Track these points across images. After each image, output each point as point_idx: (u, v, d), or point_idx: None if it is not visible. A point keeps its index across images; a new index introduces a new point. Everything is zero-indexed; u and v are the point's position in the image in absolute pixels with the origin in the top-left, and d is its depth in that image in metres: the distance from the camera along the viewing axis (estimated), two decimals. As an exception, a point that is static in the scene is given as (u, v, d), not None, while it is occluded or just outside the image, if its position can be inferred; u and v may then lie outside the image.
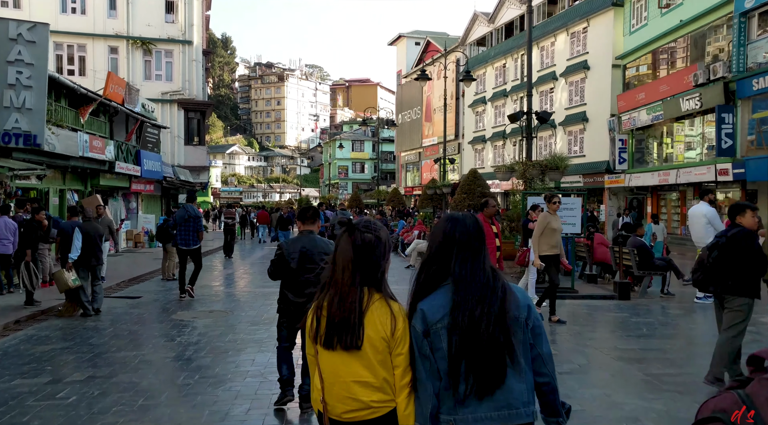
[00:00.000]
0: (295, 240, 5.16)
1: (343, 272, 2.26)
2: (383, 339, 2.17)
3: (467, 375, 2.06)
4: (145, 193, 24.01)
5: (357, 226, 2.33)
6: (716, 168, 23.16)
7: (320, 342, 2.23)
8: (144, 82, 30.04)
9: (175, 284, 13.58)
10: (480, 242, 2.23)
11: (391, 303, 2.29)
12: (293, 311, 5.05)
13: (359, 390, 2.17)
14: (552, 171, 12.29)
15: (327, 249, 5.02)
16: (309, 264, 4.92)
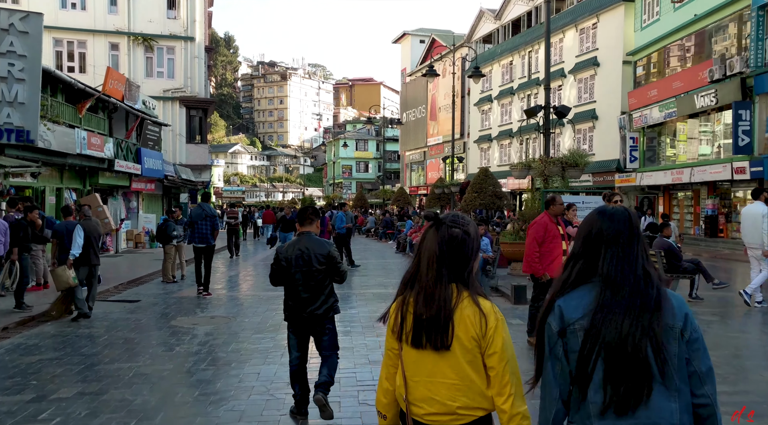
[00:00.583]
0: (293, 243, 4.90)
1: (427, 268, 2.17)
2: (473, 339, 2.10)
3: (604, 385, 1.89)
4: (145, 192, 23.44)
5: (444, 221, 2.21)
6: (732, 166, 22.51)
7: (407, 341, 2.17)
8: (145, 79, 29.50)
9: (175, 287, 13.01)
10: (633, 240, 2.04)
11: (481, 301, 2.17)
12: (294, 316, 4.85)
13: (445, 392, 2.12)
14: (572, 168, 11.67)
15: (324, 250, 4.80)
16: (306, 268, 4.73)
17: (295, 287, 4.78)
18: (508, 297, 10.77)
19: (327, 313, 4.87)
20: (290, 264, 4.75)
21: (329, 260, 4.82)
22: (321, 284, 4.81)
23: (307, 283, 4.75)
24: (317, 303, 4.78)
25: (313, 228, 4.97)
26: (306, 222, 4.94)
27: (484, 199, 17.14)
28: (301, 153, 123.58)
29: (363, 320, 9.06)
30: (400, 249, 21.53)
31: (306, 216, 4.96)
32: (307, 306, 4.77)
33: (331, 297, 4.90)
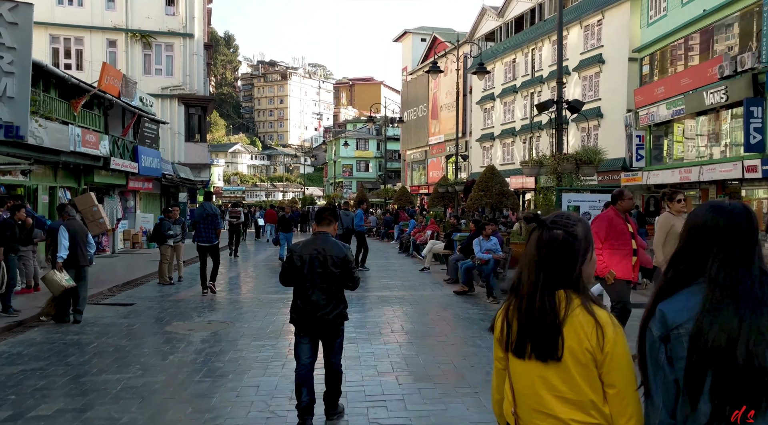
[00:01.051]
0: (308, 243, 4.70)
1: (528, 274, 2.04)
2: (587, 351, 1.92)
3: (712, 397, 1.73)
4: (143, 191, 22.91)
5: (545, 221, 2.07)
6: (743, 164, 21.99)
7: (511, 349, 2.05)
8: (143, 77, 28.98)
9: (172, 289, 12.51)
10: (751, 239, 1.83)
11: (596, 310, 1.98)
12: (303, 320, 4.63)
13: (556, 405, 1.96)
14: (585, 165, 11.16)
15: (340, 253, 4.61)
16: (320, 269, 4.53)
17: (306, 289, 4.57)
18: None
19: (337, 319, 4.70)
20: (304, 264, 4.54)
21: (345, 264, 4.62)
22: (334, 288, 4.63)
23: (320, 286, 4.56)
24: (328, 307, 4.60)
25: (330, 230, 4.78)
26: (323, 223, 4.77)
27: (490, 198, 16.63)
28: (301, 152, 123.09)
29: (369, 326, 8.56)
30: (403, 250, 21.00)
31: (324, 217, 4.79)
32: (318, 310, 4.57)
33: (341, 303, 4.72)
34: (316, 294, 4.55)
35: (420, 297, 11.29)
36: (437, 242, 15.98)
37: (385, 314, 9.58)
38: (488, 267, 10.34)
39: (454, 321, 8.89)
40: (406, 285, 12.93)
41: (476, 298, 10.92)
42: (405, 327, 8.45)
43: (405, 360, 6.68)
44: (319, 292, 4.55)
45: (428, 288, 12.53)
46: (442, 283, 13.08)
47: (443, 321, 8.87)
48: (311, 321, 4.60)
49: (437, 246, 15.57)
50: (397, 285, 13.03)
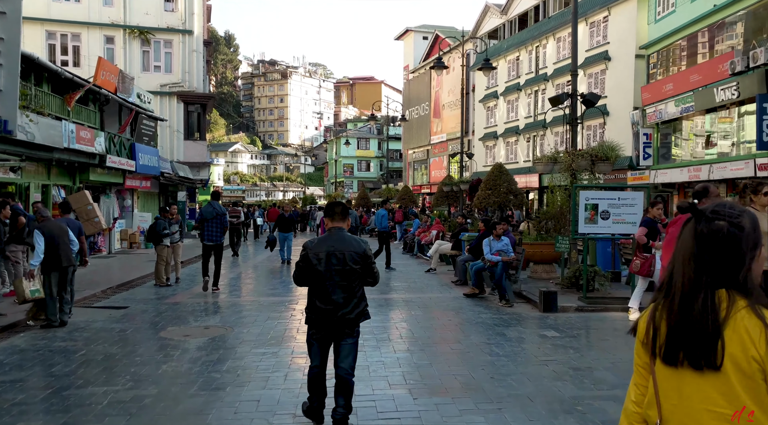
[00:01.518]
0: (323, 239, 4.49)
1: (682, 270, 1.74)
2: (754, 360, 1.61)
3: None
4: (141, 189, 22.39)
5: (704, 212, 1.75)
6: (756, 163, 21.45)
7: (659, 355, 1.76)
8: (142, 74, 28.50)
9: (168, 291, 11.98)
10: None
11: (766, 313, 1.64)
12: (323, 321, 4.40)
13: (712, 421, 1.65)
14: (601, 162, 10.64)
15: (359, 248, 4.42)
16: (339, 266, 4.34)
17: (326, 288, 4.34)
18: (535, 304, 9.73)
19: (359, 318, 4.49)
20: (320, 261, 4.33)
21: (364, 260, 4.43)
22: (354, 285, 4.42)
23: (341, 284, 4.35)
24: (350, 306, 4.39)
25: (345, 225, 4.55)
26: (336, 218, 4.53)
27: (498, 197, 16.11)
28: (301, 152, 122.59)
29: (376, 331, 8.03)
30: (408, 250, 20.46)
31: (336, 212, 4.55)
32: (339, 309, 4.35)
33: (363, 301, 4.52)
34: (336, 292, 4.33)
35: (428, 299, 10.76)
36: (444, 242, 15.45)
37: (392, 318, 9.05)
38: (498, 270, 9.80)
39: (466, 326, 8.35)
40: (412, 287, 12.40)
41: (487, 301, 10.38)
42: (415, 333, 7.91)
43: (418, 371, 6.15)
44: (339, 290, 4.34)
45: (436, 290, 12.00)
46: (450, 285, 12.55)
47: (455, 327, 8.34)
48: (332, 322, 4.37)
49: (444, 246, 15.04)
50: (403, 287, 12.50)
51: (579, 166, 10.71)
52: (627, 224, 9.44)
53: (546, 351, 6.85)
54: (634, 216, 9.43)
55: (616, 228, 9.50)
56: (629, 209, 9.42)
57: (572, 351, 6.82)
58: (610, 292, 10.47)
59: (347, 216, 4.60)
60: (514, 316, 9.00)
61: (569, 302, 9.49)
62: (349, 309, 4.38)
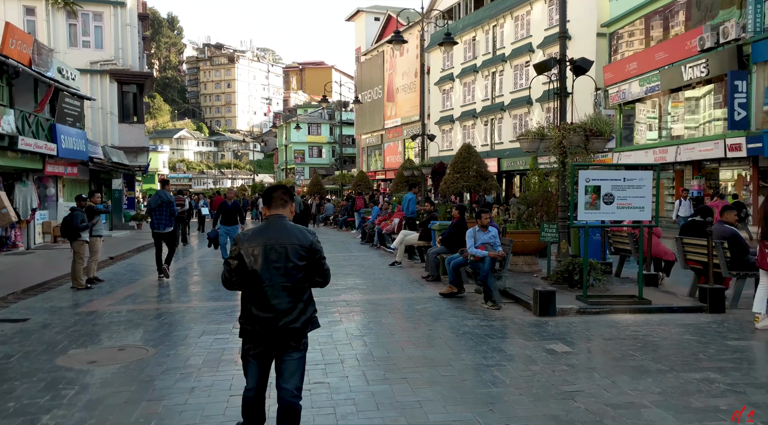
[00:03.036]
0: (259, 231, 3.61)
1: None
2: None
3: None
4: (66, 176, 19.97)
5: None
6: (726, 143, 20.62)
7: None
8: (69, 50, 25.86)
9: (86, 296, 9.99)
10: None
11: None
12: (262, 332, 3.52)
13: None
14: (595, 138, 9.18)
15: (305, 240, 3.58)
16: (278, 263, 3.50)
17: (263, 292, 3.50)
18: (525, 304, 8.21)
19: (306, 327, 3.59)
20: (256, 259, 3.50)
21: (312, 254, 3.59)
22: (300, 287, 3.56)
23: (283, 286, 3.51)
24: (294, 312, 3.52)
25: (287, 212, 3.70)
26: (276, 203, 3.68)
27: (467, 181, 14.56)
28: (250, 138, 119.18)
29: (340, 344, 6.36)
30: (367, 240, 18.80)
31: (275, 196, 3.69)
32: (281, 317, 3.49)
33: (310, 306, 3.64)
34: (277, 296, 3.49)
35: (398, 301, 9.12)
36: (410, 232, 13.82)
37: (356, 329, 7.37)
38: (485, 266, 8.23)
39: (453, 338, 6.74)
40: (377, 286, 10.74)
41: (469, 302, 8.82)
42: (391, 352, 6.26)
43: (404, 415, 4.49)
44: (281, 294, 3.49)
45: (406, 288, 10.37)
46: (420, 282, 10.94)
47: (439, 340, 6.71)
48: (273, 333, 3.50)
49: (410, 236, 13.42)
50: (364, 285, 10.82)
51: (571, 142, 9.23)
52: (634, 209, 8.00)
53: (564, 375, 5.29)
54: (642, 200, 7.99)
55: (622, 214, 8.06)
56: (636, 191, 7.97)
57: (597, 375, 5.29)
58: (609, 289, 9.07)
59: (289, 201, 3.68)
60: (506, 322, 7.45)
61: (567, 302, 8.01)
62: (294, 317, 3.49)
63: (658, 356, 5.83)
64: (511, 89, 36.61)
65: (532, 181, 11.55)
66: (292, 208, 3.74)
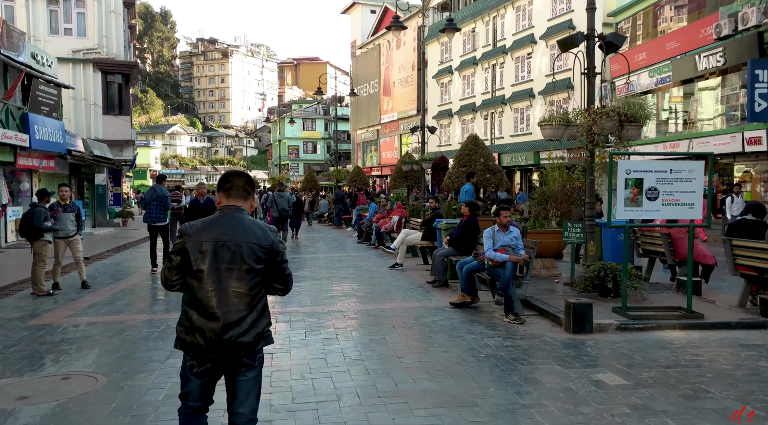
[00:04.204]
0: (210, 223, 3.00)
1: None
2: None
3: None
4: (42, 170, 18.65)
5: None
6: (744, 136, 19.48)
7: None
8: (50, 37, 24.58)
9: (44, 305, 8.73)
10: None
11: None
12: (204, 345, 2.90)
13: None
14: (630, 124, 7.97)
15: (264, 239, 2.99)
16: (231, 264, 2.92)
17: (209, 296, 2.89)
18: (554, 318, 7.00)
19: (257, 342, 2.96)
20: (204, 256, 2.91)
21: (272, 256, 3.00)
22: (253, 294, 2.95)
23: (233, 291, 2.90)
24: (244, 324, 2.90)
25: (247, 206, 3.09)
26: (235, 192, 3.06)
27: (475, 173, 13.35)
28: (244, 134, 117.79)
29: (336, 371, 5.14)
30: (364, 239, 17.55)
31: (233, 185, 3.07)
32: (228, 328, 2.87)
33: (264, 317, 3.02)
34: (225, 302, 2.89)
35: (403, 313, 7.86)
36: (412, 231, 12.58)
37: (355, 349, 6.14)
38: (506, 272, 7.01)
39: (474, 364, 5.51)
40: (377, 292, 9.50)
41: (485, 314, 7.60)
42: (400, 384, 5.02)
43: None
44: (231, 301, 2.90)
45: (410, 295, 9.13)
46: (425, 287, 9.71)
47: (458, 366, 5.46)
48: (217, 347, 2.88)
49: (412, 236, 12.18)
50: (363, 291, 9.59)
51: (603, 128, 8.01)
52: (682, 206, 6.79)
53: (628, 422, 4.07)
54: (692, 195, 6.78)
55: (668, 211, 6.84)
56: (685, 185, 6.76)
57: (672, 421, 4.07)
58: (646, 298, 7.86)
59: (251, 194, 3.12)
60: (534, 341, 6.23)
61: (603, 316, 6.80)
62: (244, 329, 2.93)
63: (740, 393, 4.62)
64: (512, 82, 35.40)
65: (551, 175, 10.32)
66: (254, 203, 3.16)
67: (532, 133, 33.56)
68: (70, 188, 10.80)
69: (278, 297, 8.74)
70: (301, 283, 10.32)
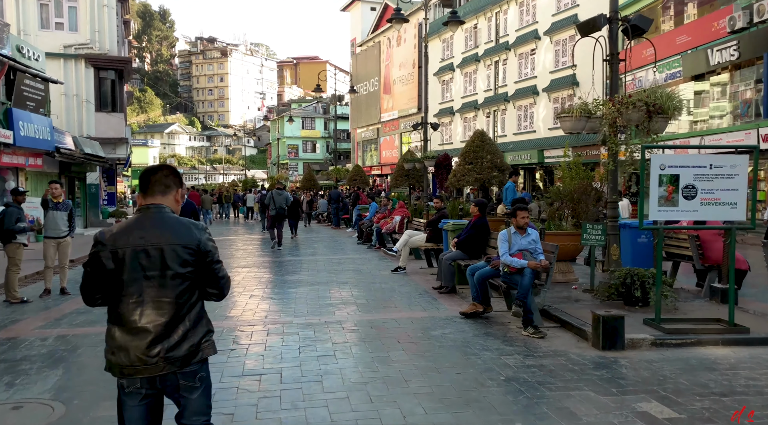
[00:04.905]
0: (127, 227, 2.66)
1: None
2: None
3: None
4: (29, 168, 17.89)
5: None
6: (759, 133, 18.73)
7: None
8: (40, 32, 23.82)
9: (15, 313, 7.98)
10: None
11: None
12: (131, 366, 2.57)
13: None
14: (658, 115, 7.23)
15: (190, 239, 2.65)
16: (153, 271, 2.59)
17: (128, 308, 2.59)
18: (578, 331, 6.24)
19: (191, 355, 2.61)
20: (123, 264, 2.59)
21: (200, 257, 2.65)
22: (182, 302, 2.61)
23: (157, 300, 2.58)
24: (173, 337, 2.58)
25: (169, 201, 2.74)
26: (154, 188, 2.73)
27: (481, 173, 12.61)
28: (243, 133, 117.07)
29: (334, 401, 4.39)
30: (364, 240, 16.80)
31: (155, 179, 2.73)
32: (155, 342, 2.55)
33: (199, 327, 2.66)
34: (149, 314, 2.57)
35: (409, 324, 7.09)
36: (415, 232, 11.81)
37: (356, 371, 5.38)
38: (525, 280, 6.26)
39: (495, 390, 4.75)
40: (379, 299, 8.75)
41: (500, 326, 6.84)
42: (409, 417, 4.26)
43: None
44: (154, 311, 2.57)
45: (415, 303, 8.36)
46: (431, 294, 8.95)
47: (476, 393, 4.69)
48: (143, 365, 2.55)
49: (416, 237, 11.41)
50: (364, 298, 8.83)
51: (629, 120, 7.27)
52: (723, 206, 6.03)
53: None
54: (735, 193, 6.02)
55: (707, 212, 6.08)
56: (726, 182, 6.01)
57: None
58: (678, 308, 7.10)
59: (173, 187, 2.68)
60: (560, 360, 5.47)
61: (634, 329, 6.05)
62: (174, 342, 2.54)
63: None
64: (515, 79, 34.63)
65: (566, 173, 9.57)
66: (178, 196, 2.76)
67: (535, 131, 32.81)
68: (61, 186, 9.99)
69: (273, 305, 8.08)
70: (298, 289, 9.58)
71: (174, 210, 2.77)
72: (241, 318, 7.46)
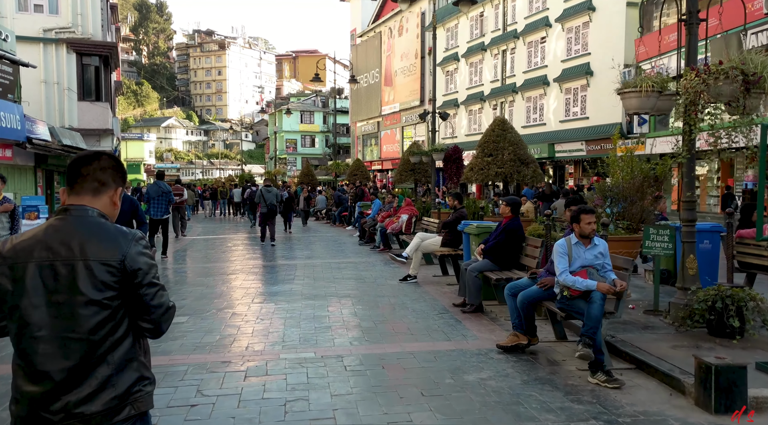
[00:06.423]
0: (32, 237, 1.98)
1: None
2: None
3: None
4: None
5: None
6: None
7: None
8: (17, 14, 22.06)
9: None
10: None
11: None
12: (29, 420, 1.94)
13: None
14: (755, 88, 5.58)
15: (113, 253, 1.95)
16: (60, 295, 1.92)
17: (29, 345, 1.95)
18: (665, 378, 4.57)
19: (114, 412, 1.94)
20: (20, 285, 1.94)
21: (127, 278, 1.97)
22: (96, 338, 1.93)
23: (63, 337, 1.92)
24: (85, 385, 1.92)
25: (103, 204, 2.06)
26: (78, 186, 2.05)
27: (501, 167, 10.93)
28: (241, 127, 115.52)
29: None
30: (366, 240, 15.13)
31: (82, 173, 2.04)
32: (58, 393, 1.91)
33: (124, 372, 1.98)
34: (53, 354, 1.92)
35: (429, 362, 5.42)
36: (429, 235, 10.11)
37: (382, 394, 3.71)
38: (594, 308, 4.59)
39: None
40: (388, 321, 7.08)
41: (553, 366, 5.17)
42: None
43: None
44: (60, 351, 1.92)
45: (436, 328, 6.67)
46: (453, 313, 7.28)
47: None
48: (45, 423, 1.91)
49: (430, 241, 9.71)
50: (368, 318, 7.16)
51: (719, 94, 5.61)
52: None
53: None
54: None
55: None
56: None
57: None
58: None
59: (111, 184, 2.06)
60: (656, 430, 3.81)
61: (750, 380, 4.36)
62: (87, 393, 1.90)
63: None
64: (524, 68, 32.89)
65: (616, 165, 7.91)
66: (116, 197, 2.07)
67: (545, 124, 31.12)
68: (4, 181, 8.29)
69: (258, 327, 6.41)
70: (290, 305, 7.91)
71: (108, 215, 2.07)
72: (215, 350, 5.80)
